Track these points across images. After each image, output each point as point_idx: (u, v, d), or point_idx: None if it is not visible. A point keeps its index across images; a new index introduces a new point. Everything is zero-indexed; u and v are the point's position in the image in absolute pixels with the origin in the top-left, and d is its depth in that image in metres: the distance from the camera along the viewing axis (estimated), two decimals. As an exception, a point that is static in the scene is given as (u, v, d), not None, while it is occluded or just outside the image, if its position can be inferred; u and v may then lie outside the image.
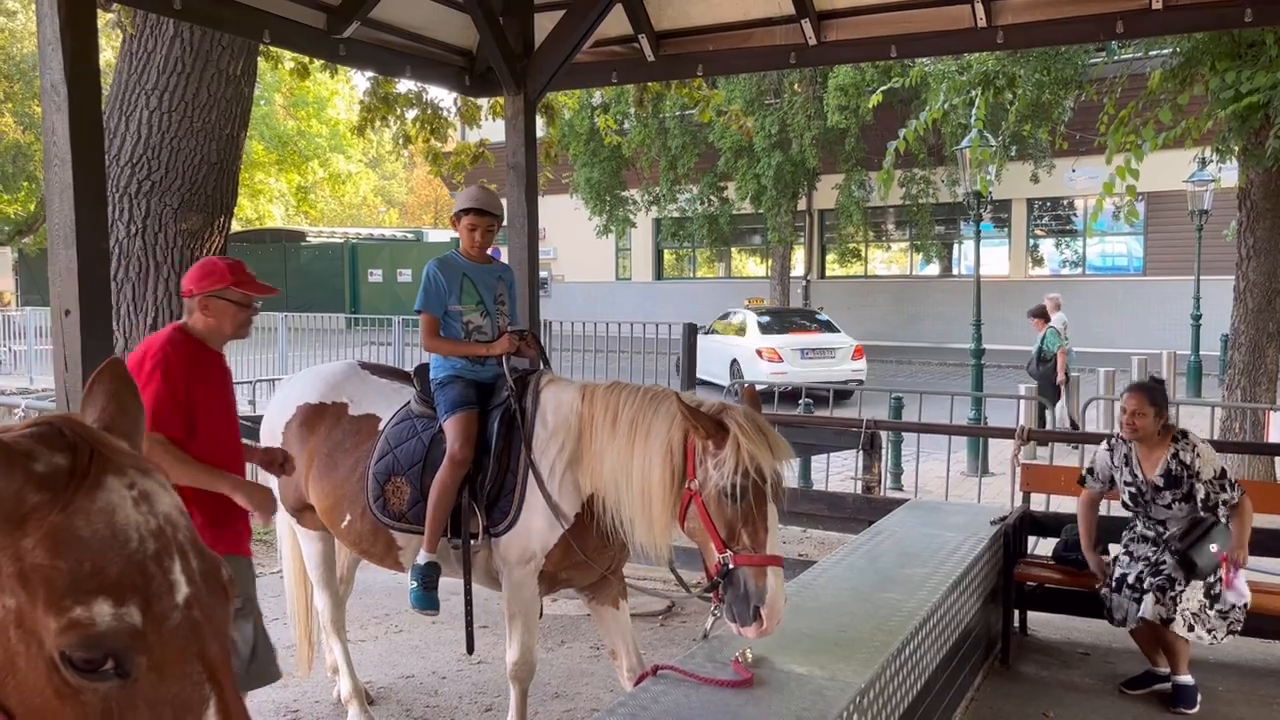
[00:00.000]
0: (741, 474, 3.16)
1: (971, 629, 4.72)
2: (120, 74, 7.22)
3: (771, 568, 3.17)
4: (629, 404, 3.66)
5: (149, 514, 1.10)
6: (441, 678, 5.15)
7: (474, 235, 4.15)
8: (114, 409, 1.25)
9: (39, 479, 1.05)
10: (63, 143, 3.93)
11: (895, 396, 10.30)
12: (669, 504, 3.41)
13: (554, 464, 3.82)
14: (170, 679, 1.06)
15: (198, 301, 3.41)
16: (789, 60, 6.99)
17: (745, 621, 3.17)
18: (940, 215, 25.52)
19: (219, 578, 1.16)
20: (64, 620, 1.01)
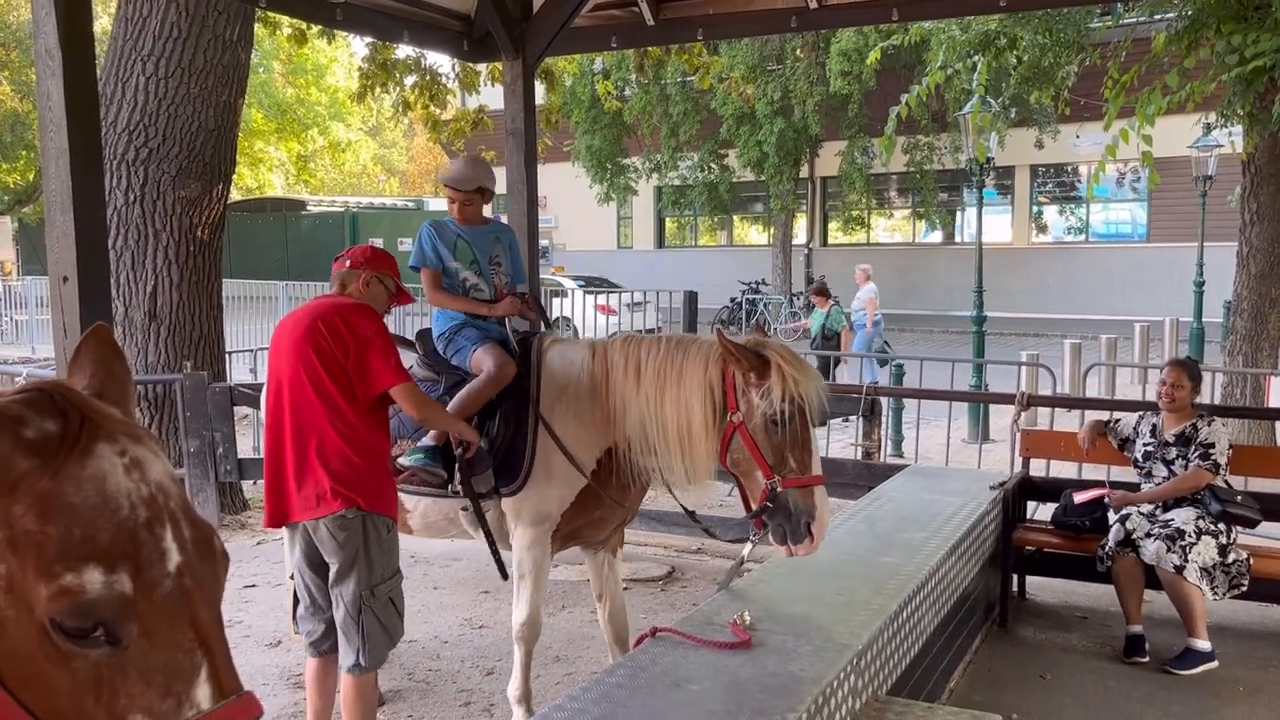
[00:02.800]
0: (788, 400, 3.36)
1: (970, 592, 4.74)
2: (116, 40, 7.16)
3: (818, 486, 3.41)
4: (652, 353, 3.74)
5: (140, 481, 1.09)
6: (444, 642, 5.19)
7: (453, 208, 4.21)
8: (104, 375, 1.24)
9: (29, 445, 1.05)
10: (58, 108, 3.90)
11: (896, 364, 10.30)
12: (711, 440, 3.56)
13: (567, 421, 3.85)
14: (161, 646, 1.06)
15: (363, 277, 3.59)
16: (790, 24, 6.93)
17: (798, 539, 3.40)
18: (944, 182, 25.38)
19: (211, 545, 1.16)
20: (54, 587, 1.01)
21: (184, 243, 7.22)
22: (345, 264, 3.67)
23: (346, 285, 3.62)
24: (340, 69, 36.28)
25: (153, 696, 1.05)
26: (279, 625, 5.31)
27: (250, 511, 7.62)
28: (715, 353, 3.57)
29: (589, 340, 4.10)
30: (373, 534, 3.41)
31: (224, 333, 7.88)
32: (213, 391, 6.97)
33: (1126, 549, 4.92)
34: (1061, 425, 7.32)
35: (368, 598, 3.41)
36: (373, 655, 3.47)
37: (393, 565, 3.50)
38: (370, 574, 3.41)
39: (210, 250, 7.43)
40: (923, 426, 9.58)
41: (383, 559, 3.44)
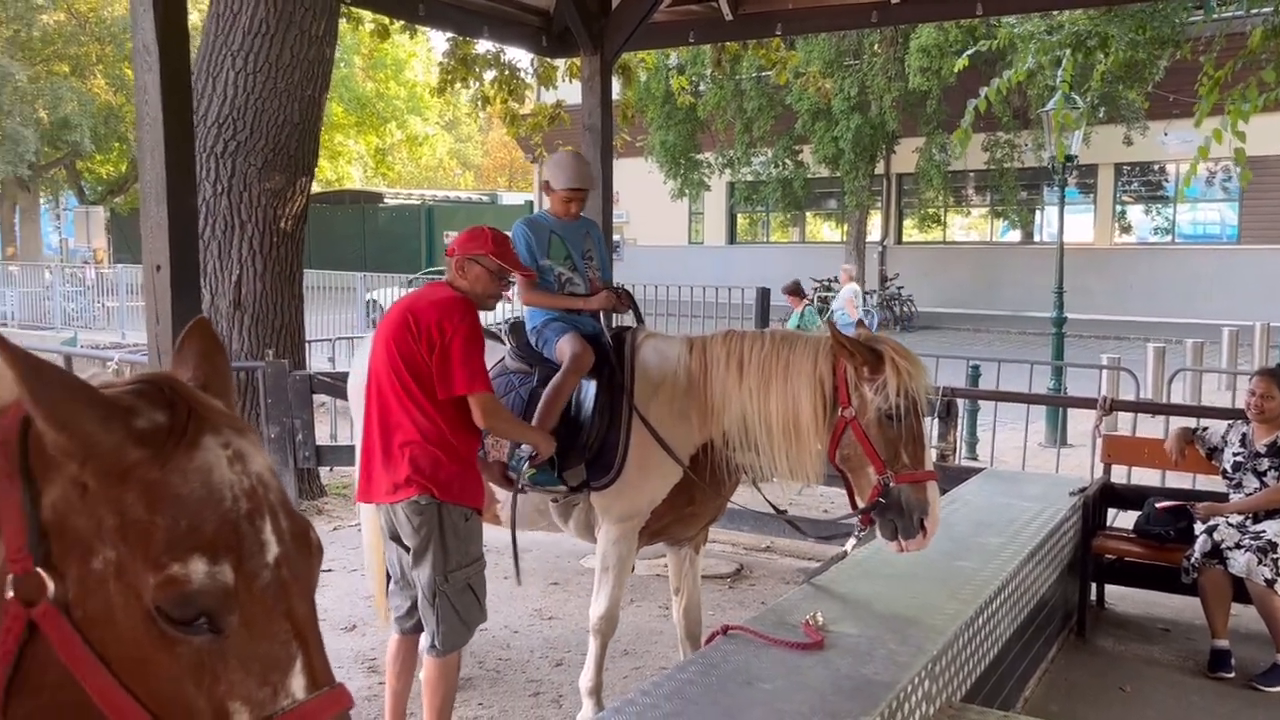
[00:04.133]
0: (903, 395, 3.36)
1: (1047, 600, 4.65)
2: (208, 36, 7.36)
3: (930, 482, 3.43)
4: (755, 347, 3.74)
5: (243, 473, 1.12)
6: (514, 632, 5.25)
7: (569, 207, 4.18)
8: (207, 368, 1.28)
9: (139, 435, 1.08)
10: (154, 102, 4.03)
11: (973, 365, 10.11)
12: (820, 434, 3.56)
13: (662, 415, 3.86)
14: (260, 636, 1.09)
15: (456, 262, 3.56)
16: (870, 19, 6.86)
17: (910, 534, 3.41)
18: (1024, 180, 24.82)
19: (308, 538, 1.19)
20: (161, 576, 1.04)
21: (268, 234, 7.40)
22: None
23: (449, 276, 3.65)
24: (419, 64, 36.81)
25: (251, 685, 1.08)
26: (354, 610, 5.43)
27: (327, 498, 7.79)
28: (825, 347, 3.58)
29: (685, 335, 4.11)
30: (448, 522, 3.46)
31: (304, 322, 8.06)
32: (293, 379, 7.14)
33: (1214, 560, 4.77)
34: (1144, 431, 7.13)
35: (441, 583, 3.46)
36: (446, 639, 3.52)
37: (471, 553, 3.53)
38: (445, 561, 3.46)
39: (293, 241, 7.60)
40: (998, 429, 9.40)
41: (459, 547, 3.48)
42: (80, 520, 1.07)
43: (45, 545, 1.06)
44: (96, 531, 1.06)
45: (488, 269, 3.52)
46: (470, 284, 3.53)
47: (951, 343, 18.70)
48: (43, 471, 1.08)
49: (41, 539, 1.06)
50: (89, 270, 23.11)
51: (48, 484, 1.08)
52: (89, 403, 1.07)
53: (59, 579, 1.06)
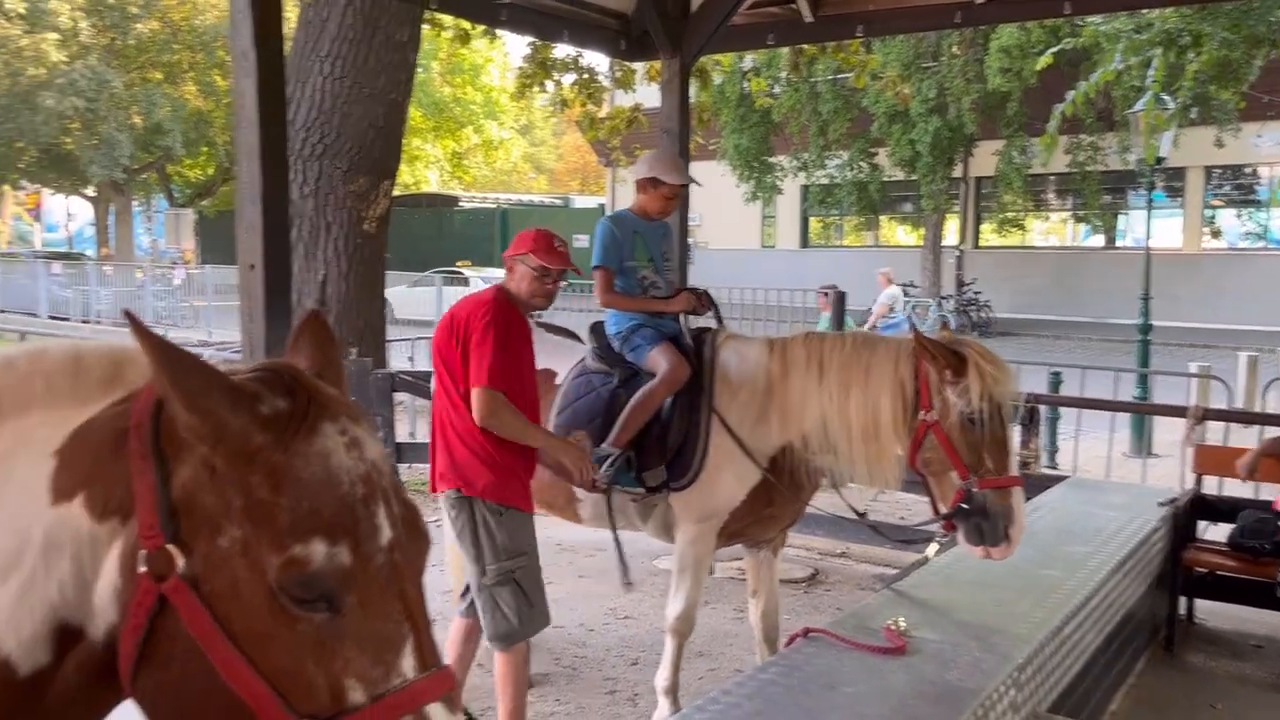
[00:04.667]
0: (987, 399, 3.32)
1: (1134, 613, 4.53)
2: (297, 43, 7.56)
3: (1015, 488, 3.37)
4: (836, 349, 3.73)
5: (359, 459, 1.16)
6: (589, 630, 5.29)
7: (669, 205, 4.21)
8: (322, 358, 1.33)
9: (264, 420, 1.13)
10: (250, 106, 4.15)
11: (1054, 371, 9.89)
12: (900, 438, 3.54)
13: (741, 417, 3.86)
14: (374, 616, 1.12)
15: (506, 264, 3.65)
16: (954, 20, 6.75)
17: (995, 541, 3.38)
18: (1107, 184, 24.20)
19: (418, 524, 1.23)
20: (284, 556, 1.09)
21: (352, 235, 7.57)
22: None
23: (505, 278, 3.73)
24: (495, 69, 37.25)
25: (365, 663, 1.11)
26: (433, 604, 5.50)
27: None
28: (907, 350, 3.55)
29: (766, 337, 4.11)
30: (479, 517, 3.52)
31: (385, 321, 8.23)
32: (375, 377, 7.29)
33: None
34: (1237, 442, 6.90)
35: (479, 575, 3.54)
36: (492, 630, 3.57)
37: (512, 548, 3.53)
38: (479, 555, 3.53)
39: (375, 243, 7.77)
40: (1081, 438, 9.18)
41: (491, 543, 3.52)
42: (209, 500, 1.12)
43: (175, 523, 1.11)
44: (224, 511, 1.11)
45: (529, 268, 3.57)
46: (515, 285, 3.60)
47: (1031, 349, 18.31)
48: (174, 452, 1.13)
49: (171, 517, 1.11)
50: (178, 270, 23.86)
51: (178, 465, 1.13)
52: (221, 388, 1.12)
53: (187, 555, 1.11)
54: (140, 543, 1.11)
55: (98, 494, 1.14)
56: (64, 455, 1.16)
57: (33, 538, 1.14)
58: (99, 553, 1.14)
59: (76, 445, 1.16)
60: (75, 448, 1.16)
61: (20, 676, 1.14)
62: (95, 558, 1.14)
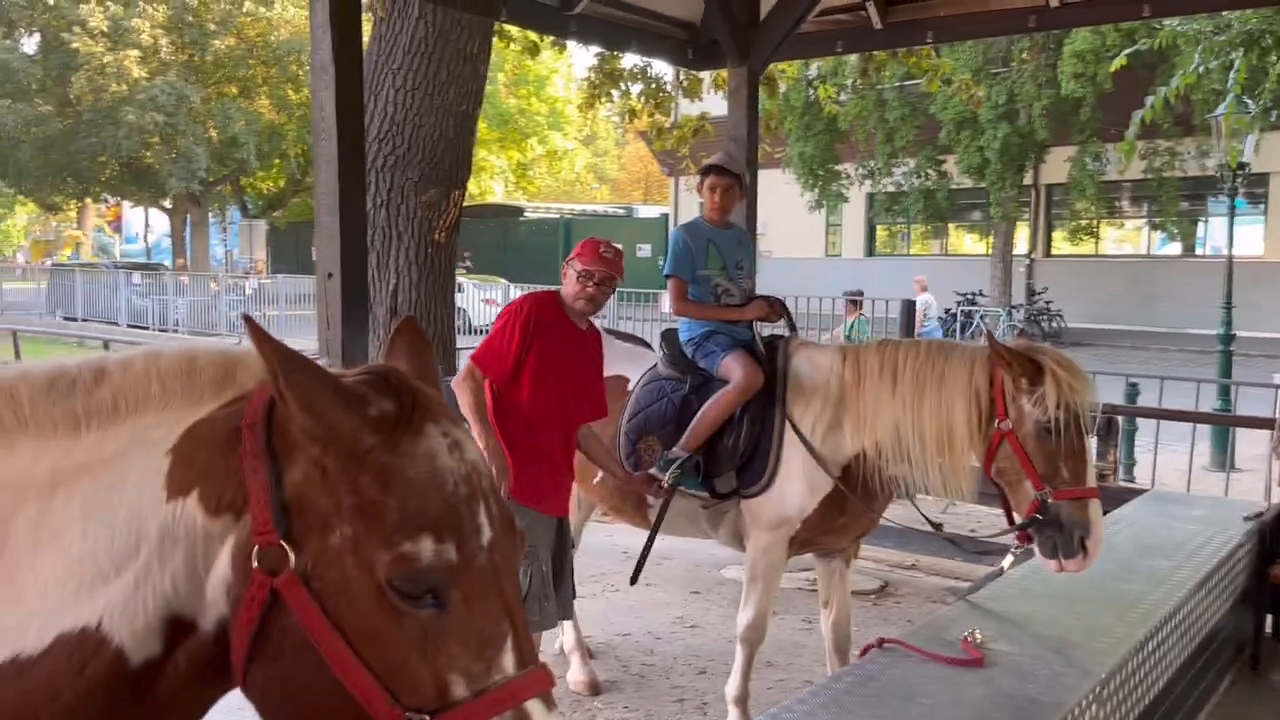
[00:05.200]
0: (1063, 408, 3.26)
1: (1219, 630, 4.39)
2: (370, 56, 7.69)
3: (1092, 500, 3.30)
4: (910, 357, 3.70)
5: (460, 460, 1.19)
6: (657, 638, 5.29)
7: (714, 195, 4.18)
8: (420, 362, 1.37)
9: (374, 422, 1.16)
10: (329, 118, 4.25)
11: (1131, 382, 9.65)
12: (975, 446, 3.49)
13: (814, 425, 3.85)
14: (476, 613, 1.15)
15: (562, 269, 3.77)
16: (1028, 24, 6.66)
17: (1070, 554, 3.31)
18: (1184, 190, 23.57)
19: (512, 525, 1.26)
20: (394, 553, 1.12)
21: (423, 245, 7.67)
22: None
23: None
24: (560, 79, 37.59)
25: (468, 659, 1.14)
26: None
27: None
28: (982, 357, 3.50)
29: (839, 344, 4.08)
30: None
31: (455, 329, 8.33)
32: (445, 384, 7.38)
33: None
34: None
35: None
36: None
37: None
38: None
39: (446, 252, 7.87)
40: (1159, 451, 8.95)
41: None
42: (321, 498, 1.15)
43: (287, 520, 1.15)
44: (335, 510, 1.14)
45: (574, 271, 3.69)
46: (565, 288, 3.72)
47: (1105, 359, 17.88)
48: (286, 452, 1.17)
49: (284, 514, 1.15)
50: (250, 280, 24.46)
51: (290, 464, 1.17)
52: (333, 391, 1.15)
53: (299, 552, 1.14)
54: (253, 539, 1.15)
55: (211, 490, 1.18)
56: (178, 453, 1.20)
57: (148, 532, 1.18)
58: (212, 548, 1.18)
59: (191, 443, 1.20)
60: (189, 446, 1.20)
61: (132, 666, 1.18)
62: (208, 552, 1.18)
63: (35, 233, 50.76)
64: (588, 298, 3.67)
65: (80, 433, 1.21)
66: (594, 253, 3.67)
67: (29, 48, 28.68)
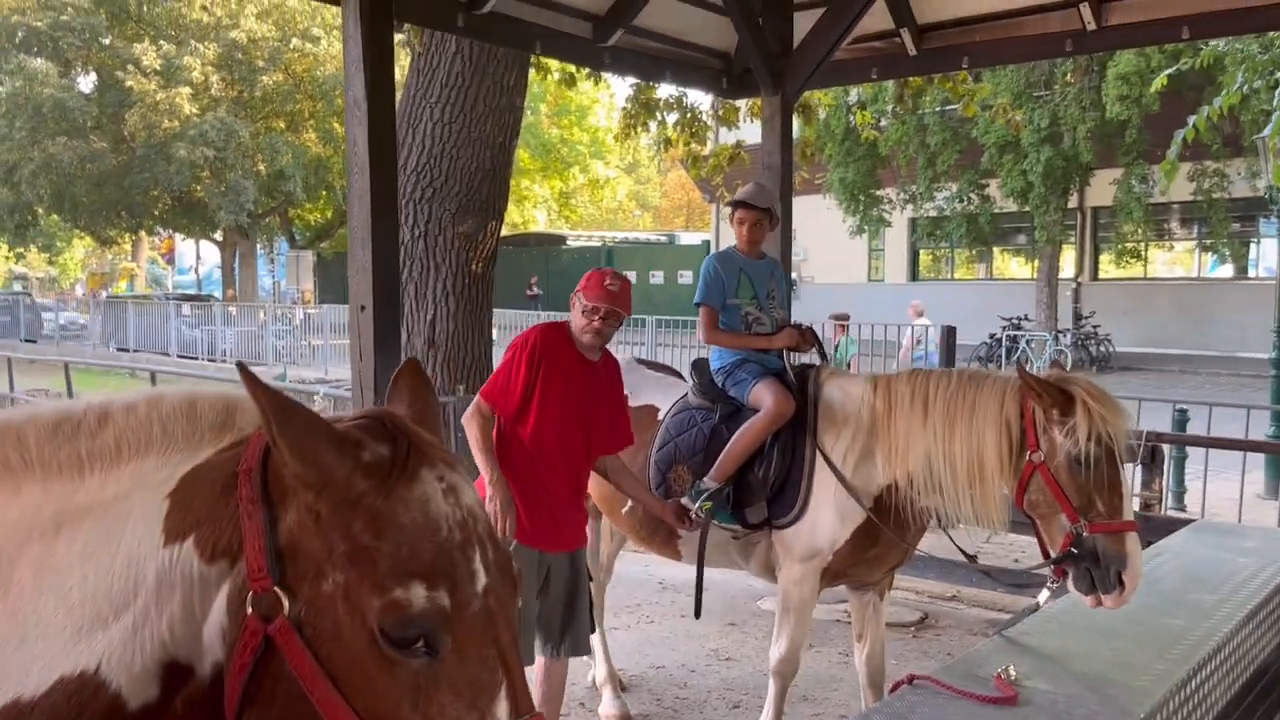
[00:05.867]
0: (1095, 439, 3.19)
1: (1269, 666, 4.25)
2: (408, 90, 7.82)
3: (1130, 533, 3.23)
4: (941, 386, 3.65)
5: (455, 505, 1.19)
6: (690, 671, 5.24)
7: (742, 229, 4.21)
8: (420, 405, 1.37)
9: (367, 467, 1.16)
10: (362, 153, 4.32)
11: (1180, 409, 9.45)
12: (1005, 478, 3.43)
13: (845, 455, 3.81)
14: (470, 661, 1.14)
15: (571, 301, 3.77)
16: (1065, 48, 6.59)
17: (1107, 589, 3.23)
18: (1235, 212, 23.14)
19: (510, 569, 1.25)
20: (385, 599, 1.11)
21: (460, 275, 7.75)
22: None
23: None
24: (601, 109, 37.92)
25: (460, 708, 1.13)
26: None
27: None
28: (1013, 387, 3.45)
29: (870, 374, 4.05)
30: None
31: (493, 360, 8.38)
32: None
33: None
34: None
35: None
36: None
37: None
38: None
39: (483, 283, 7.94)
40: (1210, 479, 8.74)
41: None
42: (314, 544, 1.15)
43: (281, 566, 1.15)
44: (328, 556, 1.14)
45: (580, 305, 3.65)
46: (573, 320, 3.70)
47: (1155, 384, 17.58)
48: (281, 498, 1.17)
49: (278, 560, 1.15)
50: (297, 310, 24.84)
51: (284, 510, 1.17)
52: (326, 437, 1.16)
53: (292, 599, 1.14)
54: (248, 585, 1.15)
55: (208, 536, 1.19)
56: (177, 497, 1.21)
57: (145, 576, 1.19)
58: (208, 593, 1.18)
59: (189, 488, 1.21)
60: (188, 490, 1.21)
61: (130, 711, 1.18)
62: (205, 598, 1.18)
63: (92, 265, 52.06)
64: (594, 332, 3.63)
65: (84, 475, 1.23)
66: (599, 287, 3.62)
67: (85, 86, 29.52)
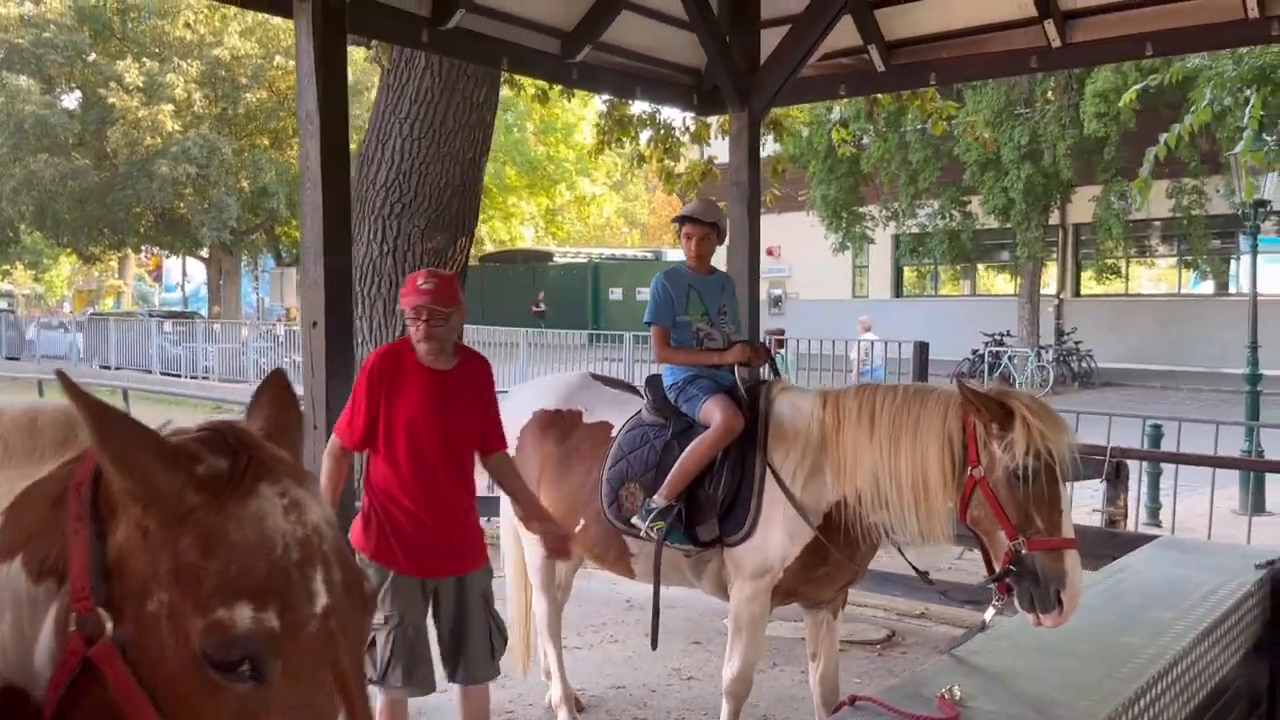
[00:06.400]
0: (1033, 454, 3.15)
1: (1229, 683, 4.21)
2: (378, 106, 7.80)
3: (1069, 550, 3.18)
4: (887, 401, 3.62)
5: (297, 522, 1.13)
6: (651, 691, 5.17)
7: (690, 244, 4.19)
8: (278, 418, 1.31)
9: (199, 481, 1.11)
10: (315, 167, 4.29)
11: (1153, 424, 9.45)
12: (949, 494, 3.40)
13: (795, 471, 3.77)
14: (302, 686, 1.08)
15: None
16: (1030, 65, 6.62)
17: (1046, 608, 3.18)
18: (1216, 228, 23.27)
19: (361, 590, 1.19)
20: (208, 620, 1.06)
21: (430, 292, 7.70)
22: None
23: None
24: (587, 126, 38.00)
25: None
26: (497, 660, 5.48)
27: (481, 548, 7.94)
28: (956, 402, 3.42)
29: (820, 389, 4.02)
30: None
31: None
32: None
33: None
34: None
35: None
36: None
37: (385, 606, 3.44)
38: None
39: (452, 299, 7.88)
40: (1186, 494, 8.74)
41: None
42: (141, 562, 1.10)
43: (108, 586, 1.10)
44: (153, 574, 1.09)
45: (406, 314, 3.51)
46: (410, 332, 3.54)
47: (1137, 400, 17.61)
48: (110, 514, 1.13)
49: (105, 579, 1.10)
50: (279, 327, 24.74)
51: (114, 526, 1.12)
52: (154, 449, 1.11)
53: (119, 620, 1.09)
54: (72, 605, 1.10)
55: (35, 555, 1.14)
56: (9, 515, 1.17)
57: None
58: (38, 614, 1.14)
59: (21, 505, 1.17)
60: (20, 507, 1.17)
61: None
62: (34, 619, 1.14)
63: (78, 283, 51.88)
64: (424, 336, 3.43)
65: None
66: (413, 289, 3.43)
67: (69, 103, 29.44)
